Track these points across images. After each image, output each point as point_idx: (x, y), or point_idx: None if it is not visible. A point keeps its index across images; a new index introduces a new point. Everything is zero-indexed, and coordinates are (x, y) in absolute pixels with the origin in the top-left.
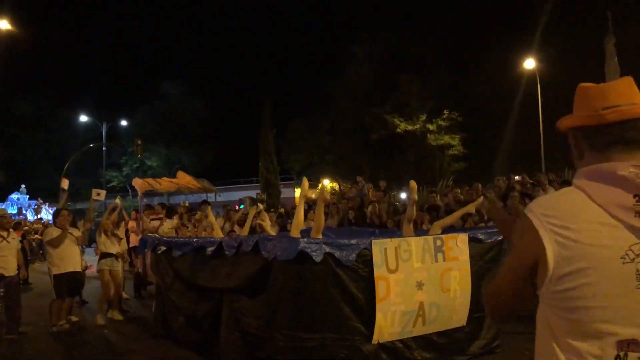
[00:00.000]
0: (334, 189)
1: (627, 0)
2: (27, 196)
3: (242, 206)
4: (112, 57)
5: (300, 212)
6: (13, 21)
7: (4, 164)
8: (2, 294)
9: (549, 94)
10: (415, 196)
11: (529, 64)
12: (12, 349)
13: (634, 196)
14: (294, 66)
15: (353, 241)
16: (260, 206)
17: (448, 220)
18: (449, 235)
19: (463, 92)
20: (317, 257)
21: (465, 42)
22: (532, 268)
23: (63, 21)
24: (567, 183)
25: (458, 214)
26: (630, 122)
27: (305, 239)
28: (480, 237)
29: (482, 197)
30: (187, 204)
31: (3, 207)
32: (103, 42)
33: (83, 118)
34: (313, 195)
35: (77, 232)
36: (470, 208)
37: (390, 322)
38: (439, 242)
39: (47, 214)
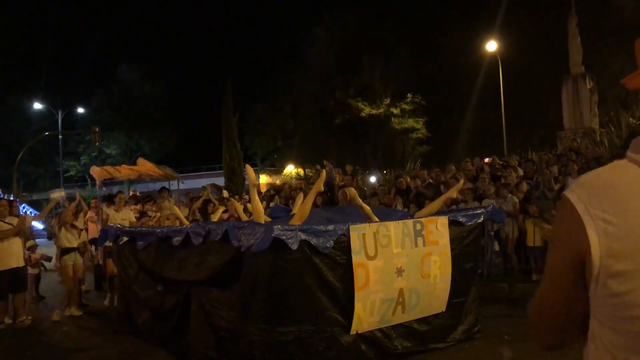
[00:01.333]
0: (299, 174)
1: None
2: None
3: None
4: (66, 40)
5: (256, 201)
6: None
7: None
8: None
9: (511, 76)
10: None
11: (491, 46)
12: None
13: None
14: (256, 49)
15: (330, 227)
16: (225, 193)
17: (430, 207)
18: (429, 218)
19: (426, 76)
20: (293, 245)
21: (427, 25)
22: (580, 268)
23: (13, 5)
24: (532, 161)
25: (440, 200)
26: None
27: (279, 226)
28: (461, 219)
29: (462, 181)
30: (137, 193)
31: None
32: (55, 24)
33: (37, 105)
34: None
35: (14, 221)
36: (452, 193)
37: (369, 311)
38: (418, 226)
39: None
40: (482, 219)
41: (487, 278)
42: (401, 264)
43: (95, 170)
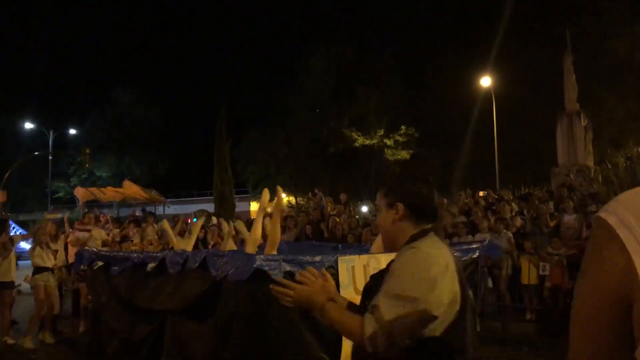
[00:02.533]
0: (291, 202)
1: (583, 18)
2: None
3: (195, 220)
4: (61, 61)
5: (258, 227)
6: None
7: None
8: None
9: (505, 111)
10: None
11: (485, 81)
12: None
13: None
14: (251, 76)
15: (317, 258)
16: (214, 219)
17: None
18: None
19: (420, 108)
20: (277, 277)
21: (421, 58)
22: (622, 311)
23: (8, 24)
24: (527, 198)
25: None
26: None
27: (262, 256)
28: (455, 253)
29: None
30: (137, 214)
31: None
32: (51, 44)
33: (28, 125)
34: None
35: None
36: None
37: None
38: None
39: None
40: (477, 254)
41: (480, 316)
42: None
43: (80, 192)
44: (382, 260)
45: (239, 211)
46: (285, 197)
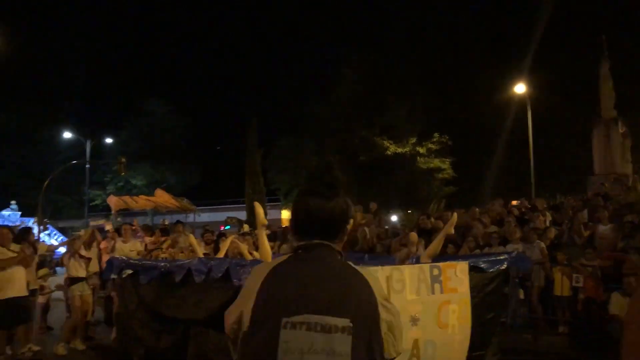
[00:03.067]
0: None
1: (620, 25)
2: (19, 213)
3: (227, 227)
4: (98, 73)
5: (264, 242)
6: None
7: None
8: None
9: (540, 118)
10: (452, 230)
11: (520, 88)
12: None
13: None
14: (282, 85)
15: None
16: (246, 227)
17: (432, 248)
18: (447, 263)
19: (453, 116)
20: None
21: (455, 65)
22: None
23: (47, 36)
24: (558, 208)
25: (440, 238)
26: None
27: None
28: (482, 265)
29: (455, 214)
30: (166, 223)
31: None
32: (88, 57)
33: (66, 135)
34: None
35: (18, 249)
36: (449, 229)
37: None
38: (435, 272)
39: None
40: (505, 265)
41: (511, 328)
42: (416, 312)
43: (112, 200)
44: (406, 271)
45: (271, 219)
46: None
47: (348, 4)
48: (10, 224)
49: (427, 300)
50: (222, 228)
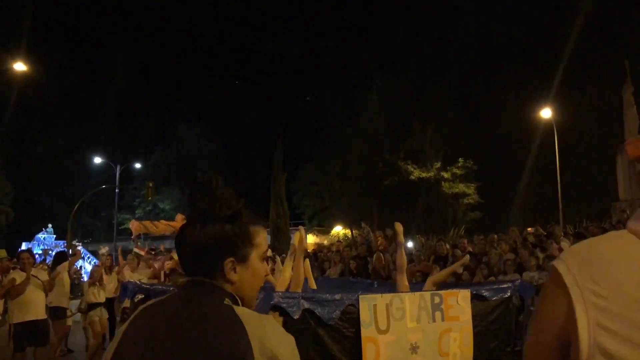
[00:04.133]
0: (347, 235)
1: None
2: (54, 236)
3: None
4: (129, 99)
5: (288, 268)
6: (30, 62)
7: (19, 202)
8: None
9: (567, 143)
10: (402, 239)
11: (546, 113)
12: None
13: None
14: (307, 109)
15: (337, 296)
16: (269, 252)
17: (439, 277)
18: (449, 291)
19: (478, 140)
20: (295, 314)
21: (480, 90)
22: (565, 349)
23: (78, 61)
24: (582, 235)
25: (447, 272)
26: None
27: (280, 293)
28: (485, 293)
29: (467, 256)
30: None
31: (29, 246)
32: (119, 84)
33: (97, 160)
34: (325, 242)
35: (43, 275)
36: (457, 268)
37: None
38: (437, 299)
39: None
40: (509, 293)
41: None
42: (416, 339)
43: (134, 225)
44: (406, 299)
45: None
46: (341, 230)
47: (375, 30)
48: (46, 247)
49: (427, 328)
50: None
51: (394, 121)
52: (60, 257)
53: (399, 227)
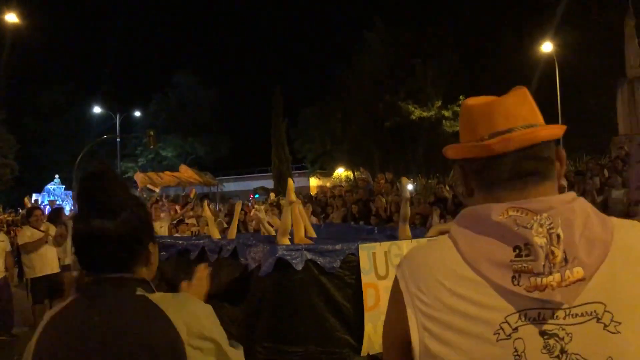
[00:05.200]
0: (349, 177)
1: None
2: (63, 186)
3: (257, 196)
4: (125, 49)
5: (287, 217)
6: (25, 15)
7: (21, 156)
8: None
9: (568, 78)
10: (408, 194)
11: (546, 47)
12: (1, 352)
13: (514, 249)
14: (305, 54)
15: (337, 246)
16: (272, 196)
17: (402, 211)
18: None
19: (479, 77)
20: (298, 265)
21: (480, 27)
22: (407, 349)
23: (75, 13)
24: (581, 173)
25: (404, 203)
26: (526, 149)
27: (284, 246)
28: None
29: (404, 179)
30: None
31: (39, 196)
32: (116, 33)
33: (97, 110)
34: (328, 184)
35: (52, 230)
36: (406, 194)
37: (380, 332)
38: None
39: None
40: None
41: None
42: None
43: (139, 177)
44: (404, 247)
45: (299, 186)
46: (343, 172)
47: None
48: (55, 197)
49: None
50: (252, 197)
51: (393, 60)
52: (56, 215)
53: (405, 181)
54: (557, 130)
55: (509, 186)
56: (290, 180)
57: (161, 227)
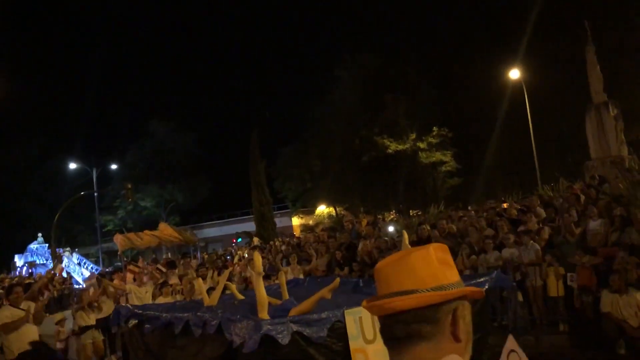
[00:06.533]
0: (331, 214)
1: (603, 10)
2: (47, 244)
3: (239, 240)
4: (98, 101)
5: (261, 290)
6: None
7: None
8: None
9: (537, 102)
10: (407, 244)
11: (514, 74)
12: None
13: None
14: (280, 94)
15: (323, 314)
16: (255, 240)
17: (304, 307)
18: None
19: (451, 107)
20: (284, 340)
21: (448, 57)
22: None
23: (45, 66)
24: (551, 205)
25: (314, 299)
26: (397, 315)
27: (268, 320)
28: None
29: (338, 280)
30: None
31: (22, 257)
32: (89, 84)
33: (72, 165)
34: (311, 222)
35: (32, 307)
36: (326, 294)
37: None
38: None
39: (69, 263)
40: (486, 286)
41: (512, 331)
42: None
43: (118, 239)
44: None
45: (281, 226)
46: (325, 209)
47: (339, 6)
48: (38, 257)
49: None
50: (234, 241)
51: (365, 96)
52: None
53: (406, 234)
54: (413, 302)
55: (390, 347)
56: (256, 254)
57: (146, 293)
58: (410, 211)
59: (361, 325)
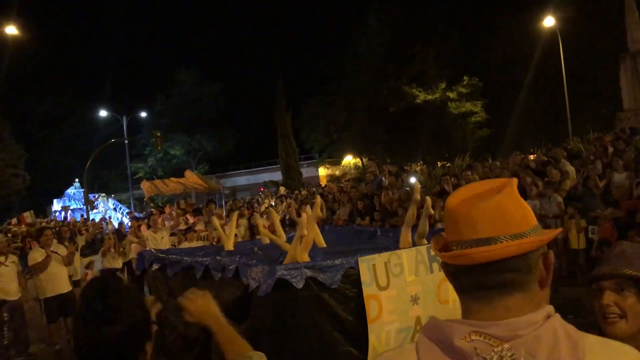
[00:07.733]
0: (357, 165)
1: None
2: (82, 190)
3: (267, 187)
4: (127, 49)
5: (310, 234)
6: (23, 22)
7: (32, 164)
8: (6, 318)
9: (571, 52)
10: (418, 197)
11: (548, 21)
12: None
13: None
14: (306, 44)
15: (337, 261)
16: (282, 189)
17: (421, 227)
18: None
19: (481, 57)
20: (298, 284)
21: (481, 4)
22: None
23: (73, 18)
24: (579, 157)
25: (424, 218)
26: (491, 264)
27: (282, 266)
28: None
29: (429, 199)
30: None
31: (60, 201)
32: (115, 35)
33: (103, 113)
34: (337, 172)
35: (63, 250)
36: (428, 210)
37: (385, 342)
38: (433, 251)
39: (105, 207)
40: None
41: None
42: (416, 291)
43: (145, 185)
44: (404, 256)
45: (307, 177)
46: (351, 160)
47: None
48: (76, 202)
49: (426, 279)
50: (262, 190)
51: (393, 46)
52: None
53: (417, 185)
54: (513, 248)
55: (474, 297)
56: (318, 197)
57: (162, 238)
58: (438, 162)
59: (375, 272)
